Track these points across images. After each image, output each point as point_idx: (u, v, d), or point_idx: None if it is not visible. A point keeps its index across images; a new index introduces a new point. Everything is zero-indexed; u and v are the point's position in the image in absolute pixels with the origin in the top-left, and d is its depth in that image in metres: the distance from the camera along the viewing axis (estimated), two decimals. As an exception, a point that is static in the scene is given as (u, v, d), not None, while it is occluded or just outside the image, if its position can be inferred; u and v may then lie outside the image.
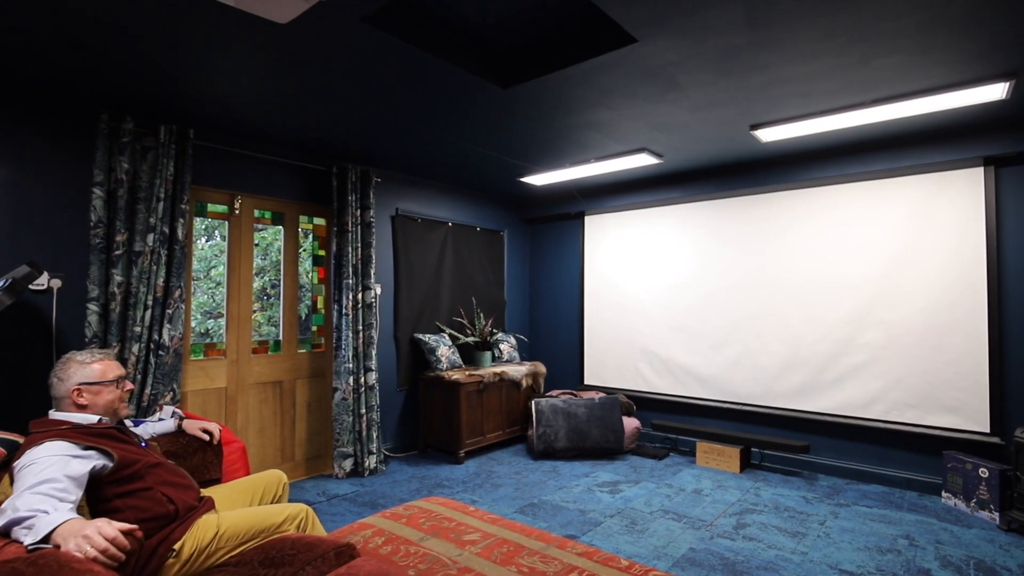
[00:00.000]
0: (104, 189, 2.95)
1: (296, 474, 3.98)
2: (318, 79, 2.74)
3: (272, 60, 2.54)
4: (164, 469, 1.94)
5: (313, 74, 2.68)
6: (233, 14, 2.11)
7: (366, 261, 4.17)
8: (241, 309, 3.74)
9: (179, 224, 3.21)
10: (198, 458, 2.41)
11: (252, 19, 2.14)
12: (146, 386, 3.07)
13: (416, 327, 4.73)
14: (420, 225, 4.80)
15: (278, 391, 3.91)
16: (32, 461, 1.61)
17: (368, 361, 4.13)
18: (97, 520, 1.34)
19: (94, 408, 1.89)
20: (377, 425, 4.16)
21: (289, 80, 2.76)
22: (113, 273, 2.97)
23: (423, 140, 3.73)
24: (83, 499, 1.69)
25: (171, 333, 3.19)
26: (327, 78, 2.72)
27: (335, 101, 3.04)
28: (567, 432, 4.44)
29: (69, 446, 1.69)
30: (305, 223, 4.15)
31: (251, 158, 3.72)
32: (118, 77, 2.71)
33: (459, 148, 3.90)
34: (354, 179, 4.08)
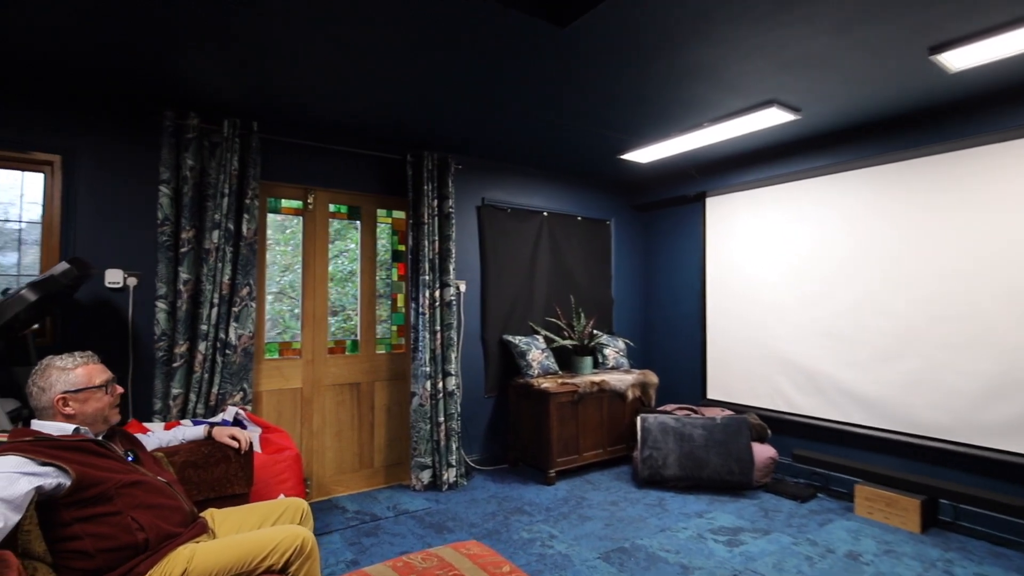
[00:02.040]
0: (171, 187, 2.94)
1: (375, 482, 3.77)
2: (386, 58, 2.47)
3: (338, 46, 2.34)
4: (143, 489, 1.70)
5: (382, 52, 2.41)
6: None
7: (444, 256, 3.82)
8: (316, 307, 3.61)
9: (244, 220, 3.13)
10: (220, 470, 2.21)
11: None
12: (213, 385, 3.02)
13: (506, 328, 4.29)
14: (510, 215, 4.35)
15: (355, 393, 3.73)
16: (-19, 476, 1.45)
17: (447, 364, 3.78)
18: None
19: (81, 417, 1.72)
20: (457, 435, 3.79)
21: (359, 62, 2.52)
22: (180, 271, 2.96)
23: (501, 117, 3.26)
24: (32, 523, 1.50)
25: (239, 331, 3.12)
26: (394, 57, 2.45)
27: (405, 79, 2.73)
28: (679, 457, 3.66)
29: (23, 462, 1.50)
30: (383, 217, 3.93)
31: (323, 150, 3.57)
32: (181, 73, 2.66)
33: (541, 122, 3.36)
34: (430, 167, 3.75)
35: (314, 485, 3.54)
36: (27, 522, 1.48)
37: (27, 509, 1.47)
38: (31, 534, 1.50)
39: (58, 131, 2.81)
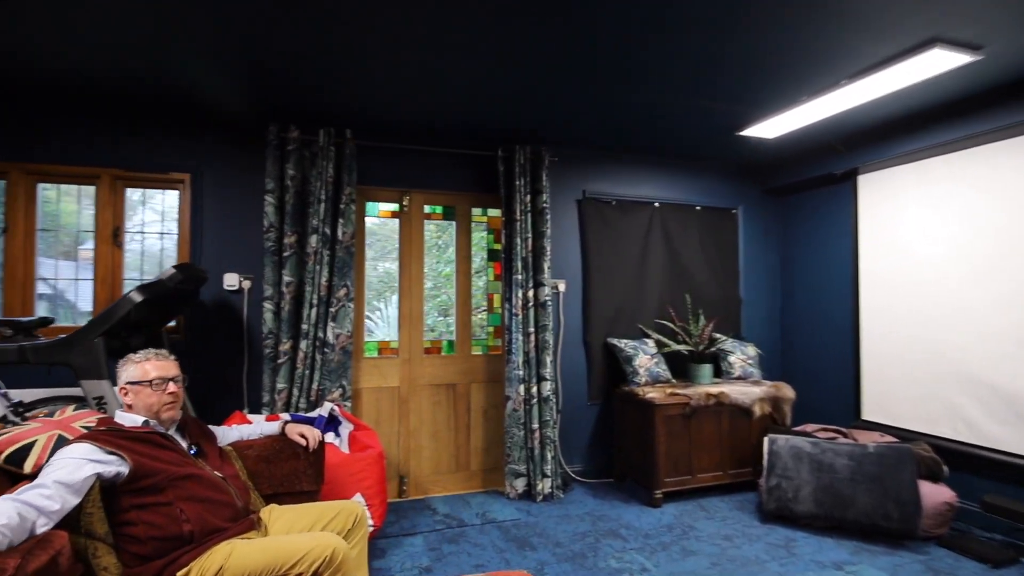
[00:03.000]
0: (275, 196, 3.17)
1: (471, 485, 3.71)
2: (475, 45, 2.40)
3: (427, 45, 2.36)
4: (196, 482, 1.78)
5: (470, 40, 2.35)
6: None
7: (539, 254, 3.63)
8: (413, 308, 3.66)
9: (339, 224, 3.26)
10: (289, 466, 2.27)
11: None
12: (313, 381, 3.19)
13: (611, 330, 3.95)
14: (615, 208, 4.00)
15: (451, 394, 3.71)
16: (52, 460, 1.61)
17: (542, 368, 3.58)
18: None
19: (136, 408, 1.86)
20: (553, 444, 3.57)
21: (449, 58, 2.48)
22: (283, 274, 3.17)
23: (599, 99, 2.98)
24: (95, 505, 1.62)
25: (336, 331, 3.26)
26: (482, 42, 2.36)
27: (496, 68, 2.62)
28: (815, 490, 3.02)
29: (92, 449, 1.64)
30: (479, 216, 3.85)
31: (416, 152, 3.60)
32: (284, 91, 2.86)
33: (644, 101, 3.00)
34: (522, 161, 3.59)
35: (411, 484, 3.58)
36: (90, 504, 1.61)
37: (89, 493, 1.60)
38: (94, 516, 1.62)
39: (188, 153, 3.19)
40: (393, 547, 2.84)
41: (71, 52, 2.42)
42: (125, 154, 3.08)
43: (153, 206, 3.29)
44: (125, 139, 3.08)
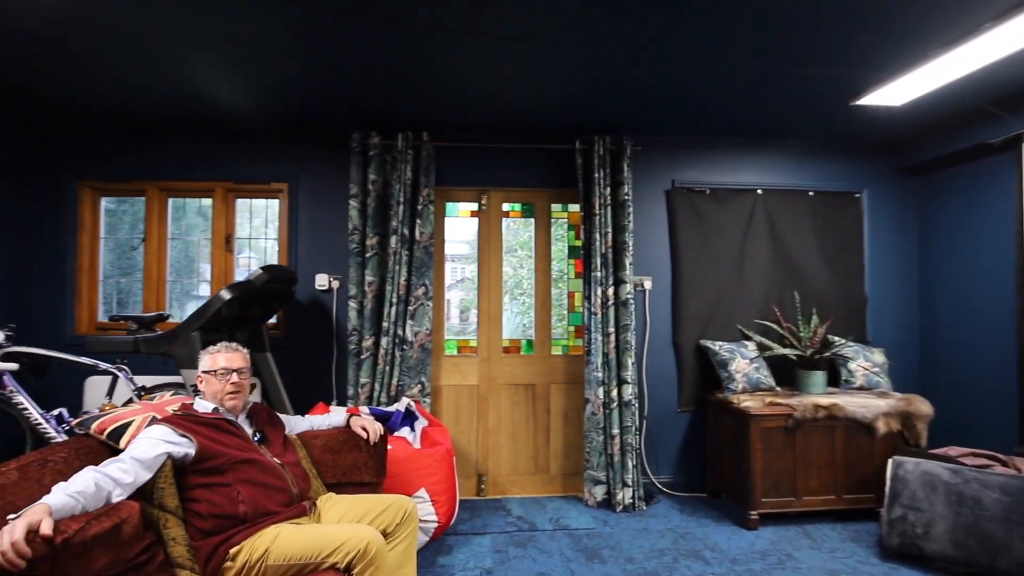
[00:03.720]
0: (358, 200, 3.34)
1: (550, 488, 3.61)
2: (547, 44, 2.36)
3: (498, 43, 2.35)
4: (255, 467, 1.91)
5: (544, 39, 2.32)
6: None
7: (619, 249, 3.43)
8: (491, 306, 3.65)
9: (417, 225, 3.35)
10: (351, 457, 2.36)
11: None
12: (393, 376, 3.31)
13: (704, 331, 3.61)
14: (709, 198, 3.65)
15: (530, 395, 3.64)
16: (137, 437, 1.83)
17: (623, 371, 3.38)
18: (22, 517, 1.33)
19: (206, 395, 2.04)
20: (635, 452, 3.35)
21: (523, 48, 2.44)
22: (366, 274, 3.33)
23: (687, 78, 2.74)
24: (167, 481, 1.80)
25: (414, 329, 3.36)
26: (558, 28, 2.27)
27: (574, 62, 2.56)
28: (952, 528, 2.48)
29: (167, 431, 1.82)
30: (558, 212, 3.74)
31: (493, 150, 3.59)
32: (365, 99, 3.02)
33: (735, 74, 2.70)
34: (601, 152, 3.41)
35: (489, 483, 3.57)
36: (162, 480, 1.79)
37: (161, 470, 1.79)
38: (165, 491, 1.80)
39: (286, 164, 3.48)
40: (461, 545, 2.85)
41: (192, 86, 2.75)
42: (235, 169, 3.45)
43: (259, 213, 3.65)
44: (234, 156, 3.45)
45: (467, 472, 3.56)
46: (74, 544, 1.38)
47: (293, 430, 2.36)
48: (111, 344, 2.66)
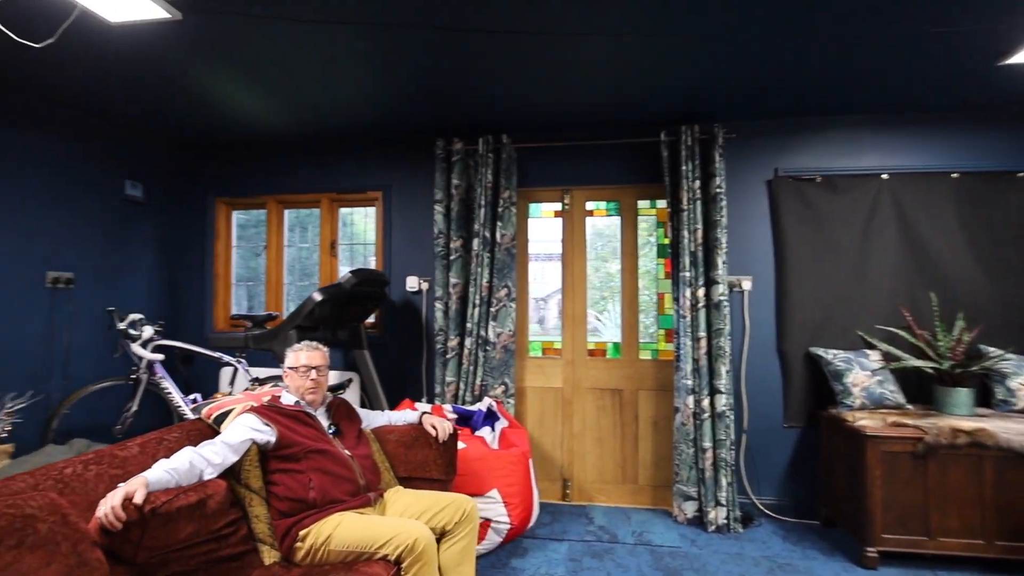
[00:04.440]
0: (443, 205, 3.46)
1: (638, 500, 3.44)
2: (629, 33, 2.29)
3: (578, 37, 2.34)
4: (327, 457, 2.06)
5: (625, 29, 2.26)
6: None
7: (711, 246, 3.17)
8: (575, 308, 3.58)
9: (498, 227, 3.39)
10: (422, 454, 2.44)
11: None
12: (477, 376, 3.38)
13: (816, 338, 3.21)
14: (821, 187, 3.24)
15: (617, 400, 3.51)
16: (231, 424, 2.06)
17: (716, 379, 3.12)
18: (123, 487, 1.55)
19: (290, 389, 2.23)
20: (730, 468, 3.07)
21: (600, 43, 2.40)
22: (450, 276, 3.44)
23: (789, 56, 2.50)
24: (252, 464, 2.01)
25: (497, 330, 3.40)
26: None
27: (660, 48, 2.44)
28: None
29: (255, 420, 2.04)
30: (646, 209, 3.56)
31: (575, 148, 3.51)
32: (449, 106, 3.14)
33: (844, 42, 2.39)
34: (689, 143, 3.18)
35: (574, 488, 3.50)
36: (248, 463, 2.01)
37: (247, 454, 2.00)
38: (250, 473, 2.01)
39: (380, 174, 3.71)
40: (537, 549, 2.82)
41: (301, 109, 3.07)
42: (337, 180, 3.75)
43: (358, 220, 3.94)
44: (337, 169, 3.75)
45: (552, 476, 3.53)
46: (161, 513, 1.59)
47: (370, 425, 2.51)
48: (228, 340, 3.04)
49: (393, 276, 3.66)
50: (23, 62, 2.52)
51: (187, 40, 2.35)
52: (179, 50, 2.44)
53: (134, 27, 2.19)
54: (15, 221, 2.86)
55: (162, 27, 2.21)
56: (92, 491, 1.64)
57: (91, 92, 2.91)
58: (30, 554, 1.30)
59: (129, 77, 2.72)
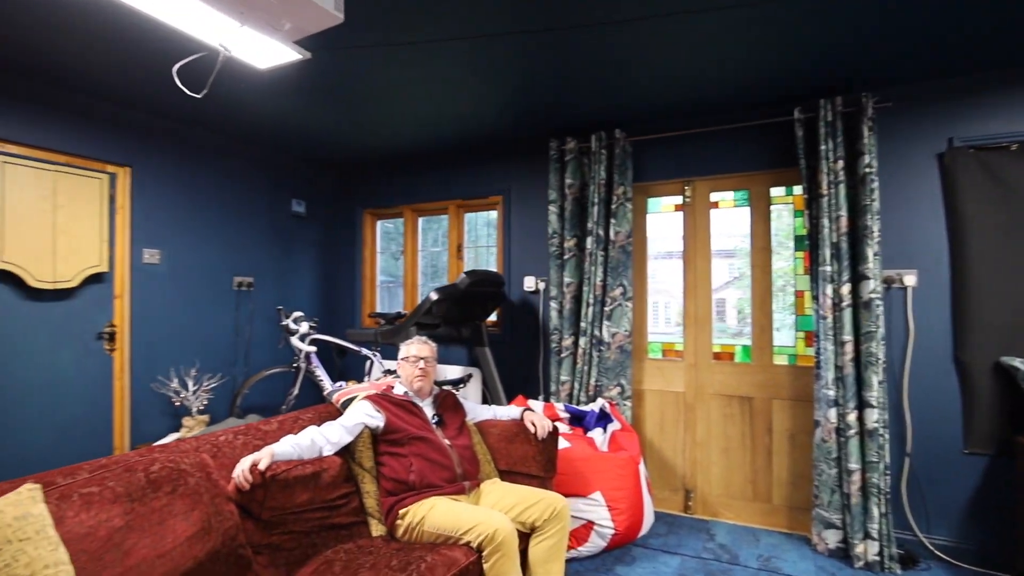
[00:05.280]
0: (557, 205, 3.49)
1: (772, 521, 3.09)
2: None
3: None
4: (427, 444, 2.22)
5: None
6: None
7: (859, 236, 2.73)
8: (699, 308, 3.34)
9: (611, 225, 3.31)
10: (522, 449, 2.49)
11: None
12: (591, 377, 3.35)
13: (1009, 345, 2.58)
14: (1015, 156, 2.60)
15: (747, 409, 3.20)
16: (349, 408, 2.33)
17: (865, 391, 2.68)
18: (254, 455, 1.84)
19: (402, 380, 2.43)
20: (883, 497, 2.61)
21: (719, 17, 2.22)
22: (564, 275, 3.45)
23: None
24: (365, 445, 2.24)
25: (611, 330, 3.33)
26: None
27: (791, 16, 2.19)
28: None
29: (369, 407, 2.29)
30: (781, 197, 3.19)
31: (695, 136, 3.28)
32: (561, 106, 3.16)
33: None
34: (829, 118, 2.78)
35: (697, 500, 3.27)
36: (361, 444, 2.25)
37: (360, 436, 2.24)
38: (363, 453, 2.26)
39: (500, 179, 3.86)
40: (645, 559, 2.70)
41: (427, 122, 3.37)
42: (462, 188, 3.99)
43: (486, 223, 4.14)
44: (462, 177, 3.99)
45: (672, 485, 3.34)
46: (280, 480, 1.86)
47: (475, 418, 2.63)
48: (360, 335, 3.42)
49: (512, 276, 3.79)
50: (214, 107, 3.13)
51: (320, 75, 2.71)
52: (316, 84, 2.83)
53: (279, 70, 2.60)
54: (213, 237, 3.56)
55: (300, 67, 2.58)
56: (237, 456, 1.98)
57: (260, 127, 3.49)
58: (180, 500, 1.62)
59: (283, 112, 3.21)
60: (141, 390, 3.15)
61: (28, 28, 2.21)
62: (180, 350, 3.34)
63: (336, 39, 2.30)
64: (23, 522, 1.21)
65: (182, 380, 3.28)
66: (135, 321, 3.12)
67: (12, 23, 2.18)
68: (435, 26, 2.24)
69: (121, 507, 1.48)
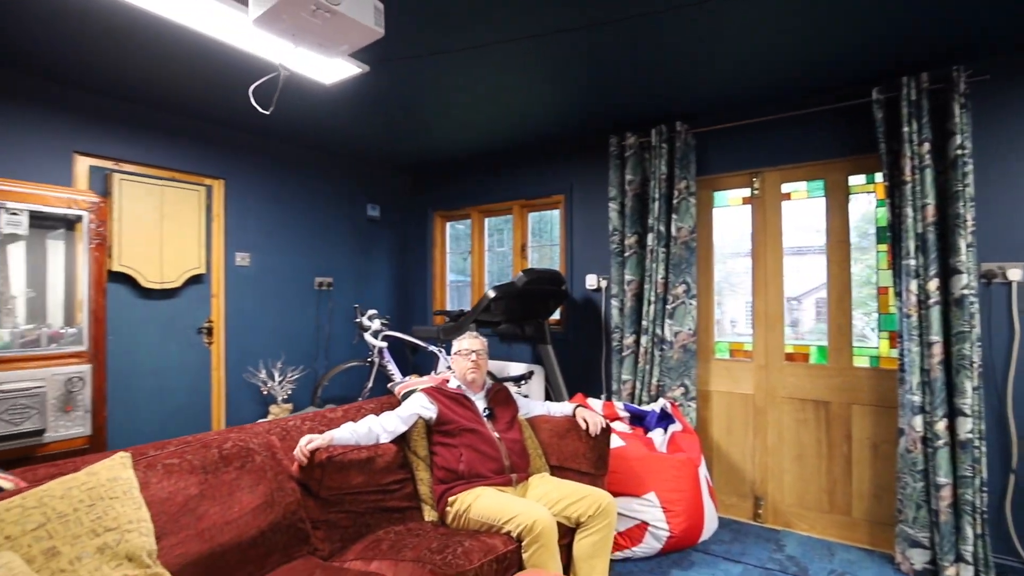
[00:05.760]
0: (617, 202, 3.45)
1: (851, 535, 2.86)
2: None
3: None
4: (477, 436, 2.31)
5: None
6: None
7: (949, 226, 2.47)
8: (769, 306, 3.16)
9: (672, 220, 3.22)
10: (573, 446, 2.50)
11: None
12: (653, 376, 3.28)
13: None
14: None
15: (822, 414, 2.98)
16: (407, 400, 2.46)
17: (957, 397, 2.41)
18: (313, 437, 2.01)
19: (456, 374, 2.52)
20: (979, 516, 2.35)
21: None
22: (625, 273, 3.41)
23: None
24: (420, 435, 2.36)
25: (674, 328, 3.24)
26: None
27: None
28: None
29: (423, 398, 2.42)
30: (861, 185, 2.94)
31: (763, 125, 3.11)
32: (621, 106, 3.15)
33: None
34: (913, 96, 2.53)
35: (768, 508, 3.10)
36: (415, 433, 2.38)
37: (414, 426, 2.36)
38: (417, 442, 2.38)
39: (562, 178, 3.88)
40: (704, 565, 2.61)
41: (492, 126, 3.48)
42: (526, 188, 4.05)
43: (546, 223, 4.18)
44: (525, 177, 4.05)
45: (740, 491, 3.19)
46: (336, 461, 2.03)
47: (527, 414, 2.68)
48: (426, 331, 3.57)
49: (574, 275, 3.79)
50: (293, 122, 3.42)
51: (383, 86, 2.87)
52: (380, 95, 3.00)
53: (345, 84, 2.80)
54: (297, 241, 3.88)
55: (365, 80, 2.75)
56: (302, 440, 2.18)
57: (335, 138, 3.76)
58: (247, 475, 1.81)
59: (354, 122, 3.44)
60: (235, 379, 3.51)
61: (132, 61, 2.56)
62: (267, 344, 3.68)
63: (391, 50, 2.44)
64: (114, 483, 1.42)
65: (269, 371, 3.61)
66: (229, 317, 3.48)
67: (124, 59, 2.53)
68: (489, 28, 2.29)
69: (196, 478, 1.69)
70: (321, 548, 1.90)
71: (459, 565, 1.70)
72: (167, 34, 2.28)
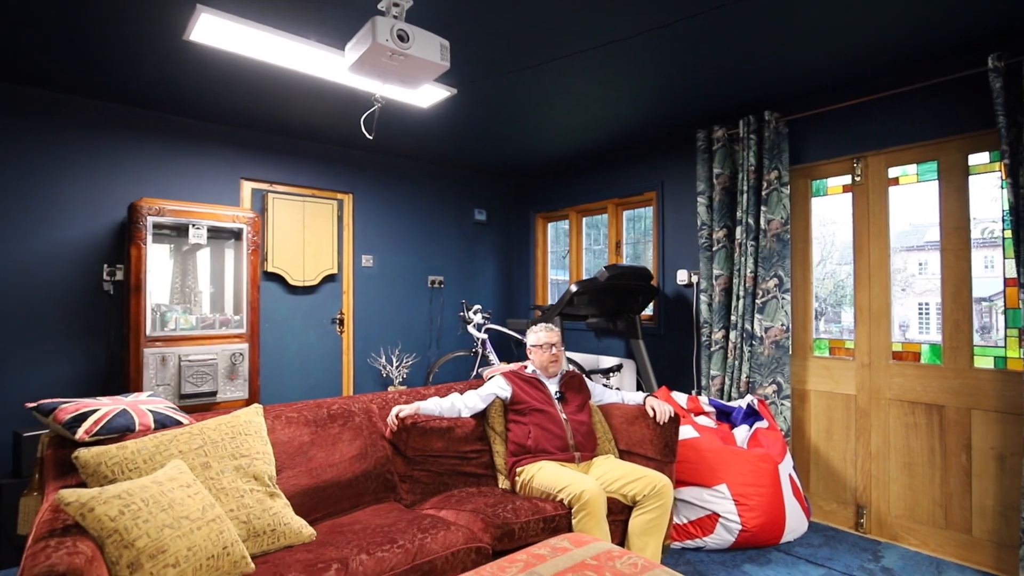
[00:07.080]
0: (705, 196, 3.43)
1: (970, 556, 2.57)
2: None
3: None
4: (545, 417, 2.54)
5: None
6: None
7: (1085, 206, 2.15)
8: (873, 300, 2.94)
9: (762, 212, 3.14)
10: (641, 432, 2.61)
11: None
12: (742, 372, 3.22)
13: None
14: None
15: (935, 419, 2.71)
16: (488, 381, 2.76)
17: (1095, 403, 2.09)
18: (404, 406, 2.38)
19: (534, 362, 2.75)
20: (1124, 540, 2.01)
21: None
22: (713, 267, 3.38)
23: None
24: (497, 412, 2.65)
25: (764, 324, 3.15)
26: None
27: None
28: None
29: (502, 381, 2.71)
30: (981, 166, 2.62)
31: (862, 107, 2.91)
32: (709, 95, 3.12)
33: None
34: (1037, 63, 2.24)
35: (871, 519, 2.88)
36: (493, 411, 2.67)
37: (491, 404, 2.66)
38: (494, 418, 2.67)
39: (653, 175, 3.93)
40: (781, 564, 2.54)
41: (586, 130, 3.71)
42: (619, 187, 4.17)
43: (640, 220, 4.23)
44: (618, 176, 4.17)
45: (841, 498, 3.00)
46: (419, 427, 2.39)
47: (600, 400, 2.83)
48: (517, 324, 3.85)
49: (665, 270, 3.82)
50: (405, 140, 3.94)
51: (476, 103, 3.22)
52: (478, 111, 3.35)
53: (441, 106, 3.19)
54: (412, 245, 4.42)
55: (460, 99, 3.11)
56: (397, 409, 2.59)
57: (443, 151, 4.22)
58: (348, 431, 2.24)
59: (457, 136, 3.85)
60: (361, 363, 4.12)
61: (282, 104, 3.20)
62: (387, 334, 4.25)
63: (476, 70, 2.77)
64: (249, 424, 1.91)
65: (388, 357, 4.18)
66: (356, 310, 4.10)
67: (278, 103, 3.18)
68: (569, 40, 2.47)
69: (309, 429, 2.15)
70: (405, 498, 2.27)
71: (507, 518, 1.96)
72: (305, 83, 2.85)
